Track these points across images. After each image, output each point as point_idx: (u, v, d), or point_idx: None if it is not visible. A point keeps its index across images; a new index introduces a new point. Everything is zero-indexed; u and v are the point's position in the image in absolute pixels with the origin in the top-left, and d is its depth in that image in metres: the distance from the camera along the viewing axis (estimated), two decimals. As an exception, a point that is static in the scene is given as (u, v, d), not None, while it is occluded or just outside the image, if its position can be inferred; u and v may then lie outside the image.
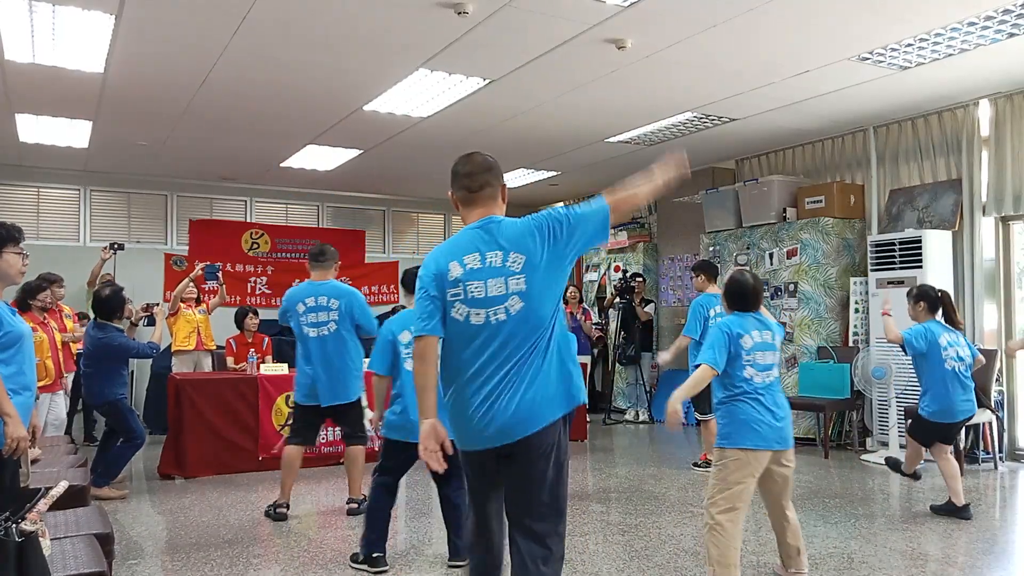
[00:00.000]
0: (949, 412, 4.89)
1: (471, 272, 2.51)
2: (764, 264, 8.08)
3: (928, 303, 5.02)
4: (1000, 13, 4.86)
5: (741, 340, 3.53)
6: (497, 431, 2.48)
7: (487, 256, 2.53)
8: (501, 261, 2.52)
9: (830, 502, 5.37)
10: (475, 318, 2.49)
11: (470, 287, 2.50)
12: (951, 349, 4.88)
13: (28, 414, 2.91)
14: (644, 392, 9.53)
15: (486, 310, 2.49)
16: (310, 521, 5.06)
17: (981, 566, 4.07)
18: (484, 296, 2.49)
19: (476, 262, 2.52)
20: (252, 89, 6.22)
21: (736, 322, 3.60)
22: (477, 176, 2.62)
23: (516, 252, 2.53)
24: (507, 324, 2.48)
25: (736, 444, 3.48)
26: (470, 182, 2.62)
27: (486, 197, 2.63)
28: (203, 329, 7.62)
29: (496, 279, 2.50)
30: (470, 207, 2.64)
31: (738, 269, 3.95)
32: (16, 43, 5.25)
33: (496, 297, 2.49)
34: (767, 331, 3.62)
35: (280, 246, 10.66)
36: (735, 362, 3.53)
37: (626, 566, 4.04)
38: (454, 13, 4.72)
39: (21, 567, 2.20)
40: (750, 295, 3.65)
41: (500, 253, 2.53)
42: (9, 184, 9.25)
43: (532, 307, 2.50)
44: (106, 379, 5.64)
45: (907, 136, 7.39)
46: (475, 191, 2.62)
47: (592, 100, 6.60)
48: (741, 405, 3.52)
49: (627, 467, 6.77)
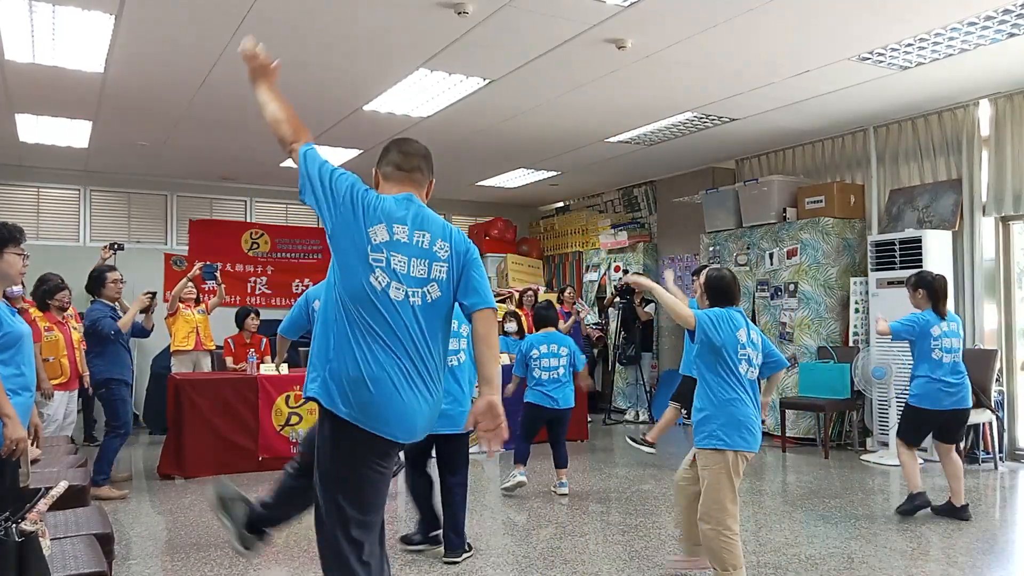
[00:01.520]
0: (932, 398, 4.87)
1: (398, 244, 2.39)
2: (764, 264, 8.08)
3: (927, 290, 5.02)
4: (1000, 13, 4.86)
5: (737, 332, 3.52)
6: (399, 418, 2.37)
7: (415, 235, 2.42)
8: (428, 243, 2.43)
9: (830, 502, 5.37)
10: (395, 293, 2.36)
11: (394, 259, 2.37)
12: (943, 340, 4.87)
13: (27, 414, 2.90)
14: (644, 392, 9.53)
15: (407, 288, 2.37)
16: (310, 521, 5.04)
17: (981, 566, 4.07)
18: (407, 273, 2.38)
19: (404, 235, 2.40)
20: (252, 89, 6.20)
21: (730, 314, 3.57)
22: (413, 158, 2.57)
23: (443, 240, 2.46)
24: (424, 309, 2.39)
25: (732, 446, 3.46)
26: (404, 161, 2.56)
27: (415, 181, 2.57)
28: (202, 329, 7.62)
29: (420, 261, 2.41)
30: (395, 184, 2.54)
31: (714, 266, 4.04)
32: (16, 43, 5.25)
33: (418, 279, 2.39)
34: (753, 331, 3.64)
35: (280, 246, 10.66)
36: (732, 356, 3.51)
37: (626, 566, 4.04)
38: (454, 13, 4.72)
39: (21, 567, 2.20)
40: (734, 289, 3.66)
41: (427, 234, 2.44)
42: (9, 184, 9.25)
43: (446, 300, 2.44)
44: (98, 358, 5.82)
45: (907, 136, 7.39)
46: (406, 171, 2.56)
47: (592, 100, 6.60)
48: (739, 405, 3.51)
49: (627, 467, 6.77)
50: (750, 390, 3.54)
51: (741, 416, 3.47)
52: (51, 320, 5.74)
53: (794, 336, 7.70)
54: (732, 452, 3.45)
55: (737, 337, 3.51)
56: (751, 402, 3.53)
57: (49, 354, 5.69)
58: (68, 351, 5.79)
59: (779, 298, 7.89)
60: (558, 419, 5.77)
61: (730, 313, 3.57)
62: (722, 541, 3.42)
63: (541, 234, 12.32)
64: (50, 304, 5.78)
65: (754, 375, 3.58)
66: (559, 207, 12.32)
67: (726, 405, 3.49)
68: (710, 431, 3.50)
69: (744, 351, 3.51)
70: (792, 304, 7.76)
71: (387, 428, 2.34)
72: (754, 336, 3.60)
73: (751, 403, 3.52)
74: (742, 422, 3.47)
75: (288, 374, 6.83)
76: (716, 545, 3.44)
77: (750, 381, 3.55)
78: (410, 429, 2.40)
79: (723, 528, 3.41)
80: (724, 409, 3.49)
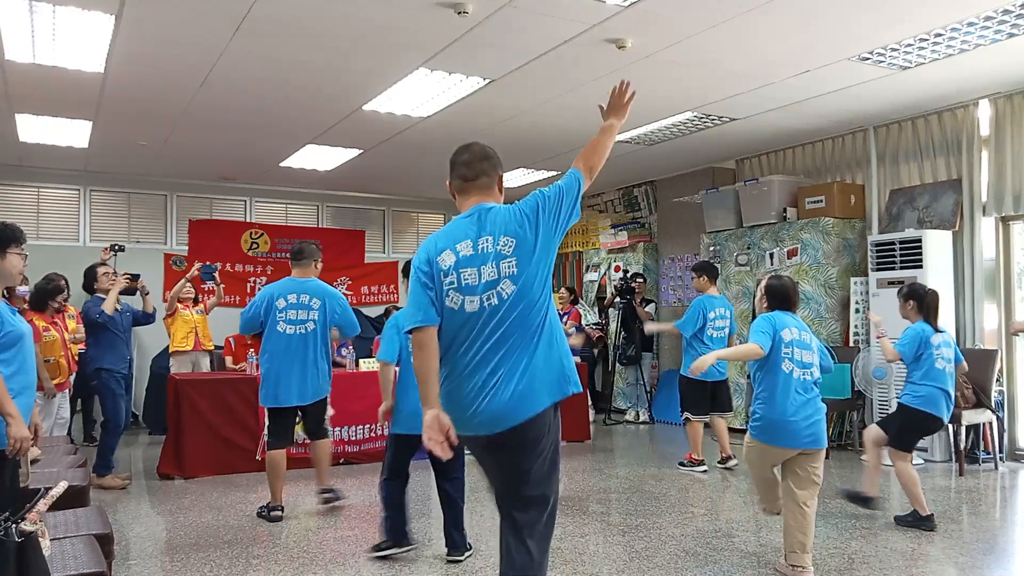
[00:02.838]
0: (934, 404, 4.76)
1: (464, 259, 2.53)
2: (764, 264, 8.08)
3: (917, 302, 4.98)
4: (1000, 13, 4.86)
5: (782, 332, 3.73)
6: (490, 418, 2.48)
7: (479, 242, 2.54)
8: (492, 245, 2.54)
9: (830, 502, 5.37)
10: (469, 305, 2.50)
11: (464, 274, 2.51)
12: (942, 349, 4.86)
13: (28, 414, 2.89)
14: (644, 392, 9.53)
15: (479, 296, 2.49)
16: (310, 521, 5.06)
17: (981, 566, 4.07)
18: (478, 283, 2.50)
19: (468, 249, 2.54)
20: (252, 89, 6.22)
21: (778, 317, 3.83)
22: (474, 164, 2.65)
23: (506, 236, 2.55)
24: (501, 308, 2.49)
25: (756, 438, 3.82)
26: (467, 171, 2.65)
27: (482, 186, 2.66)
28: (200, 330, 7.61)
29: (488, 264, 2.52)
30: (465, 195, 2.67)
31: (773, 274, 4.29)
32: (16, 43, 5.25)
33: (489, 282, 2.50)
34: (804, 331, 3.84)
35: (280, 246, 10.66)
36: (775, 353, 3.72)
37: (626, 567, 4.04)
38: (454, 13, 4.72)
39: (21, 567, 2.20)
40: (793, 295, 3.95)
41: (491, 238, 2.55)
42: (9, 184, 9.25)
43: (524, 290, 2.52)
44: (94, 347, 6.02)
45: (907, 136, 7.39)
46: (470, 179, 2.65)
47: (592, 100, 6.52)
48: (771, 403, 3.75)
49: (627, 467, 6.77)
50: (800, 388, 3.72)
51: (773, 414, 3.71)
52: (47, 320, 5.78)
53: (794, 336, 7.69)
54: (755, 441, 3.80)
55: (782, 336, 3.72)
56: (797, 399, 3.69)
57: (49, 354, 5.74)
58: (64, 351, 5.86)
59: (779, 298, 7.88)
60: None
61: (779, 315, 3.83)
62: (788, 515, 3.78)
63: (541, 234, 12.29)
64: (49, 304, 5.81)
65: (803, 374, 3.74)
66: (559, 207, 12.29)
67: (763, 400, 3.77)
68: (752, 422, 3.84)
69: (788, 349, 3.70)
70: (792, 304, 7.76)
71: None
72: (805, 337, 3.81)
73: (796, 401, 3.69)
74: (772, 419, 3.71)
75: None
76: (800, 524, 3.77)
77: (799, 380, 3.73)
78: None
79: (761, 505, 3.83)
80: (760, 405, 3.78)
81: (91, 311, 5.94)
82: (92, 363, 6.02)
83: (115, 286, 6.05)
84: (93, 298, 6.11)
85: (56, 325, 5.88)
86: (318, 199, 11.08)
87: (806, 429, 3.69)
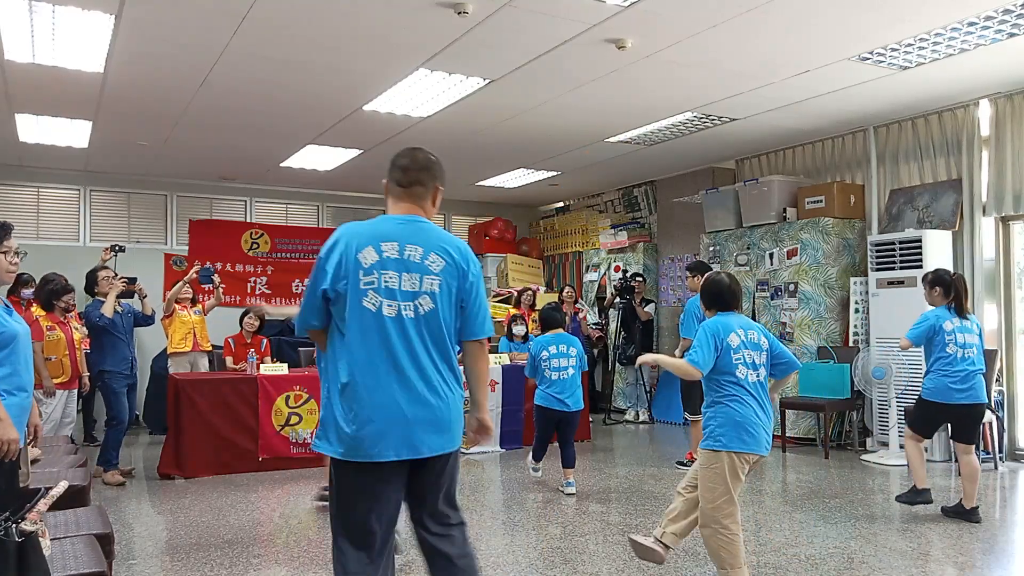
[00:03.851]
0: (943, 392, 4.83)
1: (387, 261, 2.45)
2: (764, 264, 8.09)
3: (943, 287, 5.01)
4: (1000, 13, 4.86)
5: (728, 339, 3.48)
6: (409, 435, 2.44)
7: (406, 249, 2.48)
8: (420, 257, 2.48)
9: (830, 502, 5.37)
10: (387, 310, 2.43)
11: (385, 276, 2.44)
12: (957, 335, 4.85)
13: (24, 415, 2.85)
14: (644, 392, 9.53)
15: (399, 303, 2.44)
16: (310, 521, 5.06)
17: (981, 566, 4.07)
18: (397, 288, 2.44)
19: (394, 251, 2.46)
20: (252, 89, 6.22)
21: (720, 322, 3.55)
22: (410, 172, 2.60)
23: (437, 255, 2.51)
24: (415, 322, 2.45)
25: (728, 447, 3.44)
26: (402, 176, 2.60)
27: (415, 195, 2.60)
28: (199, 330, 7.59)
29: (411, 274, 2.46)
30: (397, 200, 2.61)
31: (714, 271, 3.94)
32: (16, 43, 5.25)
33: (408, 292, 2.45)
34: (753, 330, 3.58)
35: (280, 246, 10.66)
36: (727, 360, 3.47)
37: (626, 566, 4.04)
38: (454, 13, 4.72)
39: (21, 567, 2.20)
40: (727, 295, 3.63)
41: (420, 249, 2.49)
42: (9, 184, 9.25)
43: (440, 312, 2.49)
44: (96, 350, 6.17)
45: (907, 136, 7.39)
46: (404, 186, 2.59)
47: (592, 100, 6.60)
48: (735, 406, 3.48)
49: (627, 467, 6.77)
50: (752, 391, 3.51)
51: (739, 417, 3.46)
52: (54, 320, 5.92)
53: (794, 336, 7.70)
54: (728, 453, 3.43)
55: (728, 342, 3.48)
56: (754, 403, 3.49)
57: (51, 353, 5.84)
58: (70, 351, 5.95)
59: (779, 298, 7.89)
60: (567, 420, 5.77)
61: (722, 321, 3.55)
62: (720, 540, 3.41)
63: (541, 234, 12.32)
64: (55, 304, 5.96)
65: (756, 377, 3.53)
66: (559, 207, 12.32)
67: (722, 406, 3.49)
68: (709, 431, 3.50)
69: (738, 354, 3.48)
70: (792, 304, 7.76)
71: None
72: (753, 336, 3.55)
73: (754, 404, 3.49)
74: (740, 423, 3.45)
75: (288, 374, 6.83)
76: (714, 544, 3.44)
77: (753, 383, 3.51)
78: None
79: (720, 527, 3.40)
80: (720, 410, 3.49)
81: (91, 315, 6.08)
82: (94, 366, 6.20)
83: (112, 291, 6.14)
84: (94, 301, 6.20)
85: (64, 325, 6.00)
86: (318, 199, 11.08)
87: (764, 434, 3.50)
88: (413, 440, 2.43)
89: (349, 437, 2.40)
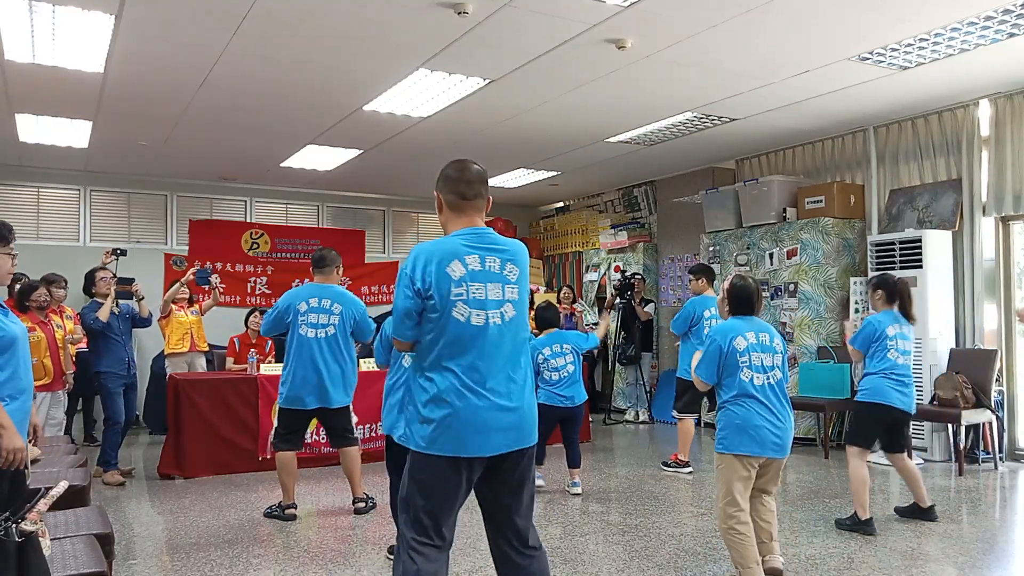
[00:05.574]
0: (881, 392, 4.67)
1: (473, 273, 2.55)
2: (764, 264, 8.09)
3: (886, 291, 4.86)
4: (1000, 13, 4.86)
5: (734, 343, 3.54)
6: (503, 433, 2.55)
7: (486, 260, 2.59)
8: (499, 268, 2.60)
9: (830, 502, 5.37)
10: (476, 319, 2.53)
11: (472, 288, 2.54)
12: (899, 341, 4.73)
13: (26, 418, 2.84)
14: (644, 392, 9.53)
15: (486, 312, 2.55)
16: (310, 521, 5.06)
17: (981, 566, 4.07)
18: (484, 298, 2.55)
19: (477, 264, 2.57)
20: (252, 89, 6.22)
21: (728, 328, 3.63)
22: (475, 185, 2.68)
23: (512, 264, 2.63)
24: (503, 328, 2.57)
25: (730, 449, 3.52)
26: (467, 189, 2.66)
27: (477, 208, 2.69)
28: (196, 331, 7.59)
29: (494, 284, 2.58)
30: (459, 213, 2.67)
31: (737, 275, 3.93)
32: (16, 43, 5.25)
33: (494, 301, 2.56)
34: (764, 332, 3.64)
35: (280, 246, 10.66)
36: (731, 363, 3.55)
37: (626, 566, 4.04)
38: (454, 13, 4.72)
39: (21, 567, 2.20)
40: (755, 299, 3.71)
41: (498, 260, 2.61)
42: (9, 184, 9.24)
43: (521, 319, 2.63)
44: (93, 352, 6.22)
45: (907, 136, 7.39)
46: (469, 199, 2.67)
47: (592, 100, 6.60)
48: (739, 410, 3.53)
49: (627, 467, 6.77)
50: (758, 394, 3.54)
51: (739, 420, 3.51)
52: (33, 320, 5.62)
53: (794, 336, 7.70)
54: (730, 455, 3.52)
55: (734, 346, 3.52)
56: (758, 406, 3.53)
57: (32, 356, 5.62)
58: (52, 352, 5.74)
59: (779, 298, 7.89)
60: (571, 417, 5.75)
61: (730, 326, 3.62)
62: (730, 539, 3.51)
63: (541, 234, 12.32)
64: (28, 305, 5.70)
65: (765, 379, 3.57)
66: (559, 207, 12.32)
67: (725, 409, 3.58)
68: (716, 433, 3.62)
69: (744, 358, 3.52)
70: (792, 304, 7.77)
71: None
72: (765, 338, 3.60)
73: (758, 407, 3.53)
74: (741, 426, 3.50)
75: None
76: (727, 542, 3.54)
77: (761, 387, 3.54)
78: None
79: (728, 527, 3.49)
80: (724, 413, 3.59)
81: (87, 317, 6.08)
82: (91, 367, 6.23)
83: (109, 297, 6.14)
84: (91, 303, 6.20)
85: (45, 325, 5.76)
86: (318, 199, 11.08)
87: (772, 436, 3.53)
88: (497, 440, 2.53)
89: (442, 433, 2.51)
